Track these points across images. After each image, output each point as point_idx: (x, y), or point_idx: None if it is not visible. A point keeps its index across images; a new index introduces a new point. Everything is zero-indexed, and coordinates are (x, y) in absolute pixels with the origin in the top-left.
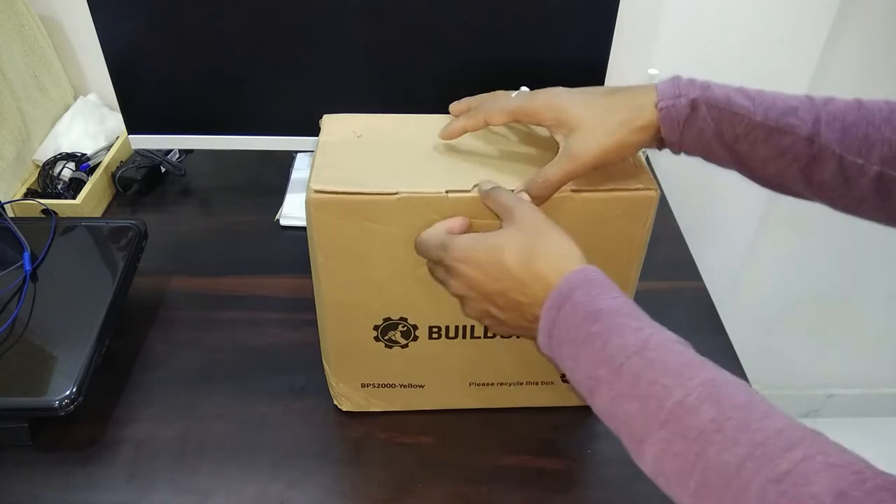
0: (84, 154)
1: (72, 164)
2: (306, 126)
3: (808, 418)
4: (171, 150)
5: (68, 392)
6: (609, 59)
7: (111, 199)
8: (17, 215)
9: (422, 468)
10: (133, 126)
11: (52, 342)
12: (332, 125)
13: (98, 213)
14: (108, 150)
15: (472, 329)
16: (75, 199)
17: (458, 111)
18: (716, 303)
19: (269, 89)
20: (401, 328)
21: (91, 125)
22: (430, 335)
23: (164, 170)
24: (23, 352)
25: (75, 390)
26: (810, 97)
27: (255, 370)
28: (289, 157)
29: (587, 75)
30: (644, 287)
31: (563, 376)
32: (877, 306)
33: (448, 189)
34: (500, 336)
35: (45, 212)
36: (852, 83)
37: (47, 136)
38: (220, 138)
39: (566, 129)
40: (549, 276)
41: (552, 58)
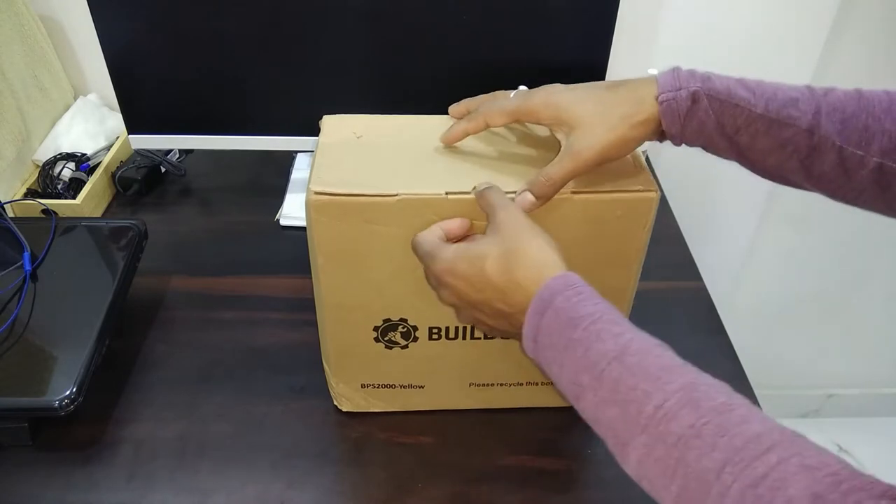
0: (84, 154)
1: (72, 164)
2: (306, 126)
3: (808, 418)
4: (171, 150)
5: (68, 392)
6: (609, 59)
7: (111, 199)
8: (17, 215)
9: (422, 468)
10: (133, 126)
11: (52, 342)
12: (332, 126)
13: (98, 213)
14: (108, 150)
15: (472, 330)
16: (75, 199)
17: (457, 113)
18: (716, 303)
19: (269, 89)
20: (401, 329)
21: (91, 125)
22: (430, 336)
23: (164, 170)
24: (23, 352)
25: (75, 390)
26: (810, 88)
27: (255, 370)
28: (289, 157)
29: (587, 75)
30: (644, 287)
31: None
32: (877, 306)
33: (448, 191)
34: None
35: (45, 212)
36: (852, 83)
37: (47, 136)
38: (220, 138)
39: (567, 127)
40: (529, 286)
41: (552, 58)
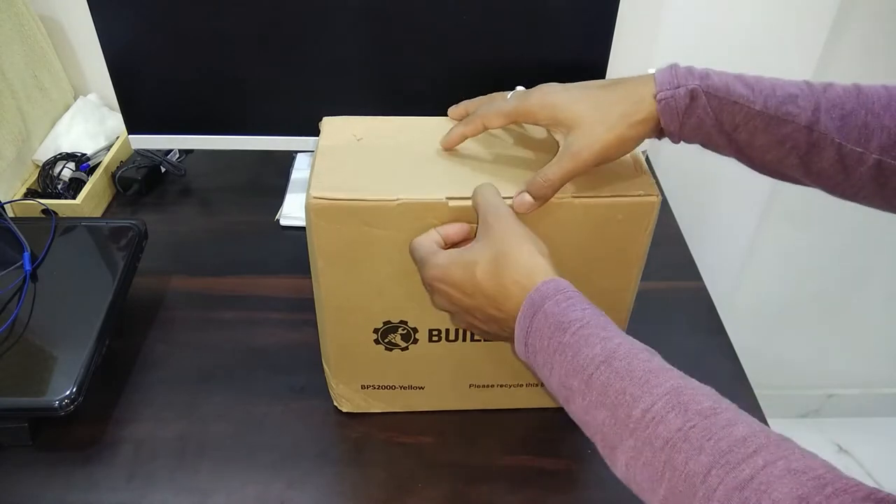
0: (84, 154)
1: (72, 164)
2: (306, 126)
3: (808, 418)
4: (171, 150)
5: (68, 392)
6: (609, 59)
7: (111, 199)
8: (17, 215)
9: (422, 468)
10: (133, 126)
11: (52, 342)
12: (332, 128)
13: (98, 213)
14: (108, 150)
15: (472, 332)
16: (75, 199)
17: (456, 115)
18: (716, 303)
19: (269, 89)
20: (401, 331)
21: (91, 125)
22: (430, 338)
23: (164, 170)
24: (23, 352)
25: (75, 390)
26: (809, 83)
27: (255, 370)
28: (289, 157)
29: (587, 75)
30: (644, 287)
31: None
32: (877, 306)
33: (448, 195)
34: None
35: (45, 212)
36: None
37: (47, 136)
38: (220, 138)
39: (564, 127)
40: (519, 291)
41: (552, 58)
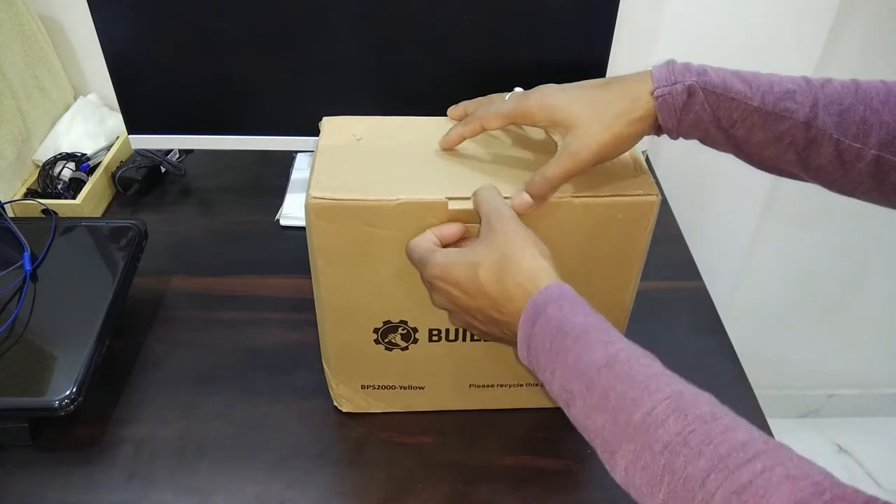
0: (84, 154)
1: (72, 164)
2: (306, 126)
3: (808, 418)
4: (171, 150)
5: (68, 392)
6: (609, 59)
7: (111, 199)
8: (17, 215)
9: (422, 468)
10: (133, 126)
11: (52, 342)
12: (332, 128)
13: (98, 213)
14: (108, 150)
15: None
16: (75, 199)
17: (456, 115)
18: (716, 303)
19: (269, 89)
20: (401, 331)
21: (91, 125)
22: (431, 338)
23: (164, 170)
24: (23, 352)
25: (75, 390)
26: (807, 79)
27: (255, 370)
28: (289, 157)
29: (587, 75)
30: (644, 287)
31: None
32: (877, 306)
33: (448, 195)
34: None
35: (45, 212)
36: None
37: (47, 136)
38: (220, 138)
39: (562, 128)
40: (521, 295)
41: (552, 58)
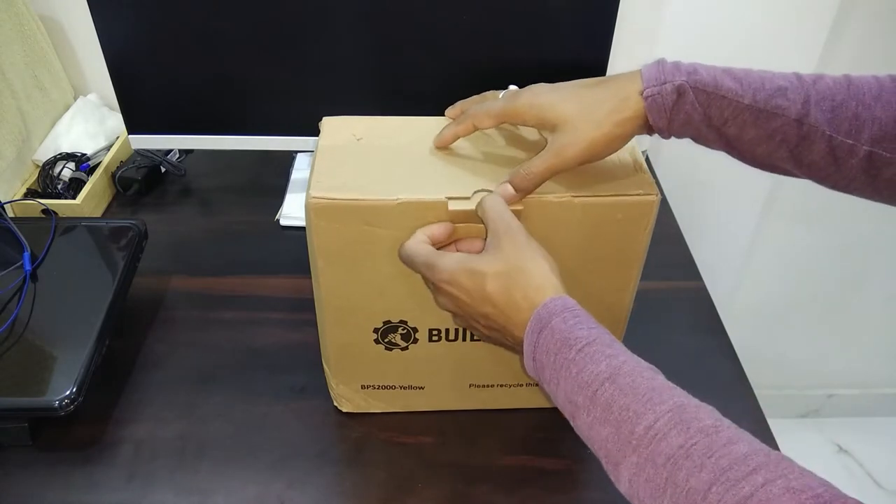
0: (84, 154)
1: (72, 164)
2: (306, 126)
3: (808, 418)
4: (171, 150)
5: (68, 392)
6: (609, 59)
7: (111, 199)
8: (17, 215)
9: (422, 468)
10: (133, 126)
11: (52, 342)
12: (332, 128)
13: (98, 213)
14: (108, 150)
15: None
16: (75, 199)
17: (453, 115)
18: (716, 303)
19: (269, 89)
20: (401, 331)
21: (91, 125)
22: (431, 338)
23: (164, 170)
24: (23, 352)
25: (75, 390)
26: (799, 76)
27: (255, 370)
28: (289, 157)
29: (587, 75)
30: (644, 287)
31: None
32: (877, 306)
33: (448, 195)
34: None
35: (45, 212)
36: None
37: (47, 136)
38: (220, 138)
39: (551, 125)
40: (528, 306)
41: (552, 58)
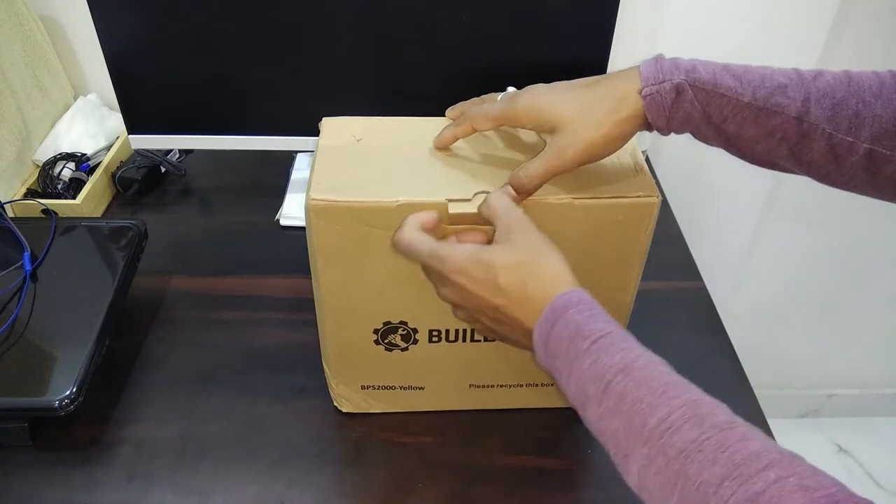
0: (84, 154)
1: (72, 164)
2: (306, 126)
3: (808, 418)
4: (171, 150)
5: (68, 392)
6: (609, 59)
7: (111, 199)
8: (17, 215)
9: (422, 468)
10: (133, 126)
11: (52, 342)
12: (332, 128)
13: (98, 213)
14: (108, 150)
15: (472, 332)
16: (75, 199)
17: (453, 116)
18: (716, 303)
19: (269, 89)
20: (401, 332)
21: (91, 125)
22: (431, 338)
23: (164, 170)
24: (23, 352)
25: (75, 390)
26: (799, 72)
27: (255, 370)
28: (289, 157)
29: (587, 75)
30: (644, 287)
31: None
32: (877, 306)
33: (448, 197)
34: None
35: (45, 212)
36: None
37: (47, 136)
38: (220, 138)
39: (550, 128)
40: (541, 298)
41: (552, 58)
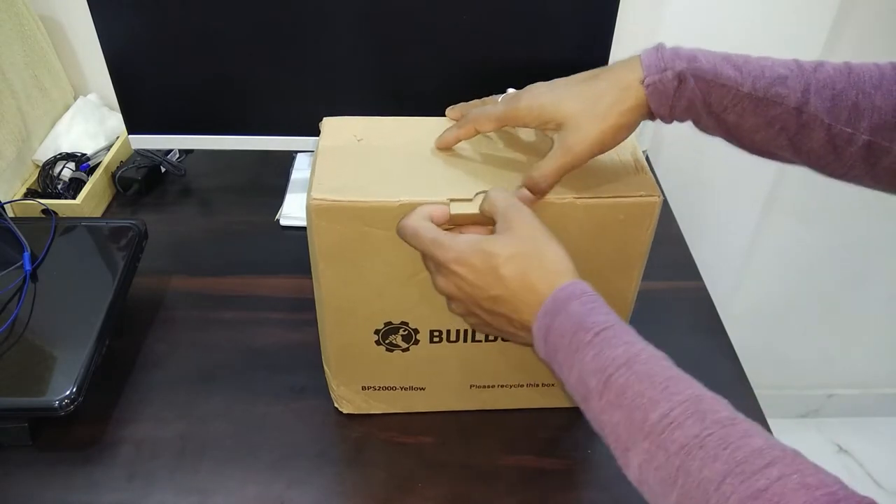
0: (84, 154)
1: (72, 164)
2: (306, 126)
3: (808, 418)
4: (171, 150)
5: (68, 392)
6: (609, 59)
7: (111, 199)
8: (17, 215)
9: (422, 468)
10: (133, 126)
11: (52, 342)
12: (332, 128)
13: (98, 213)
14: (108, 150)
15: (473, 333)
16: (75, 199)
17: (454, 116)
18: (716, 303)
19: (269, 89)
20: (402, 332)
21: (91, 125)
22: (431, 339)
23: (164, 170)
24: (23, 352)
25: (75, 390)
26: (799, 63)
27: (255, 370)
28: (289, 157)
29: None
30: (644, 287)
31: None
32: (877, 306)
33: (450, 197)
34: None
35: (45, 212)
36: None
37: (47, 136)
38: (220, 138)
39: (555, 125)
40: (543, 290)
41: (552, 58)
